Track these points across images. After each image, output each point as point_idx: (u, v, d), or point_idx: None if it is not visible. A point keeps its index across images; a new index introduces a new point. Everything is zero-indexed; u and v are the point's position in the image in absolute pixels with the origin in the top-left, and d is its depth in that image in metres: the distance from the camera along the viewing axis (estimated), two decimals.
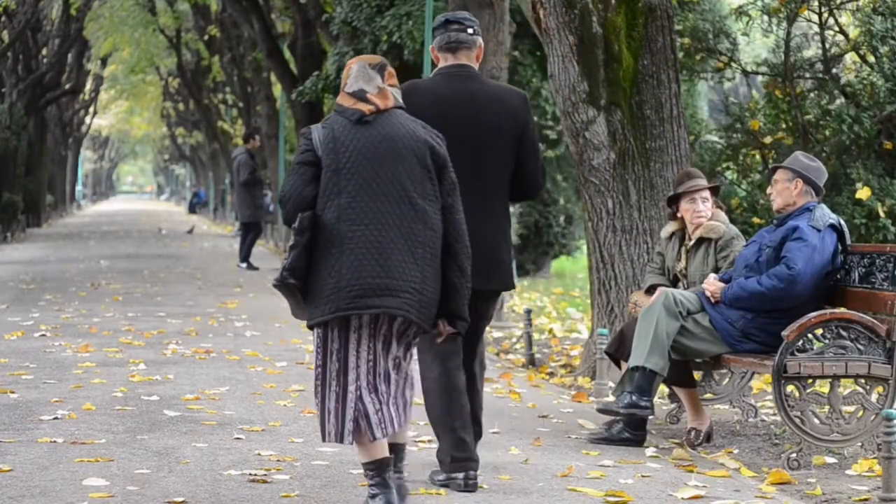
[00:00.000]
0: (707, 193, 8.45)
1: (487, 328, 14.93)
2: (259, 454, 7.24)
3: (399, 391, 5.88)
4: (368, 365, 5.80)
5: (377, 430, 5.73)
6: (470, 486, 6.46)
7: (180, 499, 6.14)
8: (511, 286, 6.86)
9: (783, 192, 7.92)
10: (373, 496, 5.77)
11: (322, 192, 5.82)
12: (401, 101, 6.03)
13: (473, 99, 6.64)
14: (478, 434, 6.72)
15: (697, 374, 8.47)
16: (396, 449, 6.01)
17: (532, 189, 6.87)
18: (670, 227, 8.63)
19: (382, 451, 5.77)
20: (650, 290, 8.44)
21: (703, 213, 8.40)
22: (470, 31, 6.71)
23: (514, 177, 6.74)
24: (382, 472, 5.76)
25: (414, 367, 6.06)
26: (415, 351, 6.04)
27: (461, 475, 6.47)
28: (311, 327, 5.84)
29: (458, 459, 6.48)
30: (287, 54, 32.26)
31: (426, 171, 5.90)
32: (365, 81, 5.95)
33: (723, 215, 8.48)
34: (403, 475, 6.13)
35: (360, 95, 5.93)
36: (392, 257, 5.75)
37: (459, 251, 5.94)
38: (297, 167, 5.90)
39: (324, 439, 5.84)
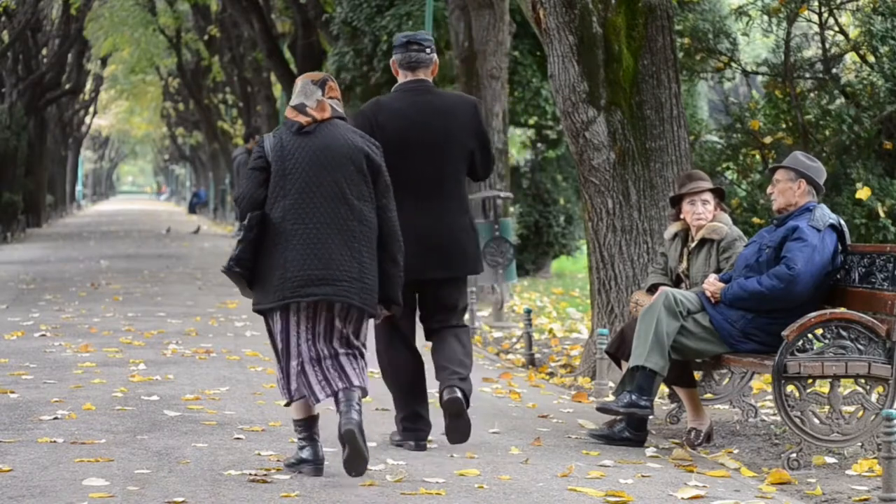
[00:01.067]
0: (708, 195, 8.44)
1: (487, 328, 14.91)
2: (259, 454, 7.25)
3: (352, 360, 6.73)
4: (308, 344, 6.69)
5: (319, 394, 6.65)
6: (421, 447, 7.50)
7: (180, 499, 6.14)
8: (477, 269, 7.74)
9: (785, 191, 7.91)
10: (302, 448, 6.79)
11: (270, 193, 6.73)
12: (340, 111, 6.88)
13: (429, 110, 7.55)
14: (465, 376, 7.46)
15: (697, 374, 8.46)
16: (355, 394, 6.66)
17: (482, 177, 7.86)
18: (673, 227, 8.63)
19: (313, 410, 6.76)
20: (652, 290, 8.44)
21: (702, 215, 8.40)
22: (428, 50, 7.61)
23: (468, 169, 7.72)
24: (311, 428, 6.75)
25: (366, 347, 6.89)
26: (367, 329, 6.86)
27: (412, 440, 7.54)
28: (259, 312, 6.81)
29: (412, 429, 7.55)
30: (287, 54, 32.25)
31: (362, 175, 6.77)
32: (305, 96, 6.85)
33: (726, 217, 8.48)
34: (362, 419, 6.65)
35: (300, 109, 6.81)
36: (330, 252, 6.64)
37: (392, 245, 6.86)
38: (250, 172, 6.80)
39: (288, 396, 6.77)
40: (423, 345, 7.74)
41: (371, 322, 7.00)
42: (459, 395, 7.34)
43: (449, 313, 7.64)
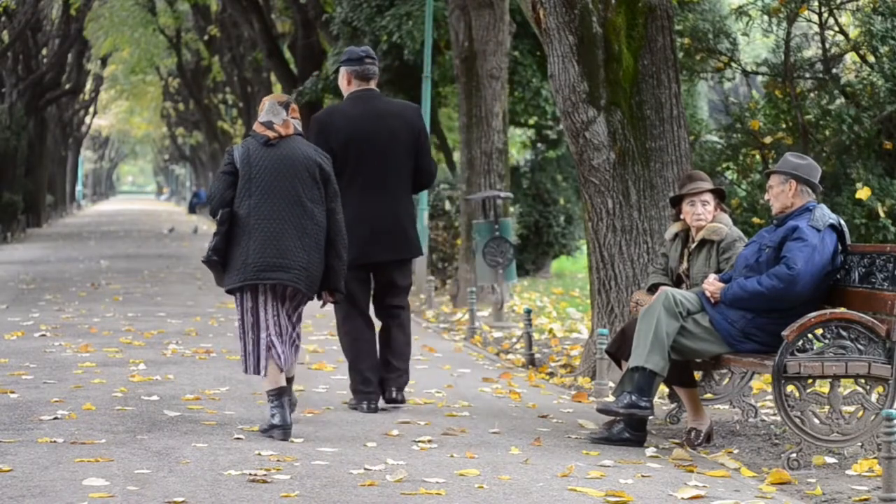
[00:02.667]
0: (708, 196, 8.44)
1: (487, 328, 14.94)
2: (259, 454, 7.24)
3: (295, 339, 8.12)
4: (274, 319, 7.99)
5: (283, 364, 7.96)
6: (372, 409, 8.79)
7: (180, 499, 6.14)
8: (419, 253, 9.09)
9: (779, 195, 7.92)
10: (273, 415, 7.90)
11: (238, 194, 8.03)
12: (300, 129, 8.18)
13: (378, 115, 8.88)
14: (405, 370, 8.96)
15: (697, 374, 8.46)
16: (289, 380, 8.19)
17: (427, 180, 9.10)
18: (674, 227, 8.64)
19: (283, 381, 7.97)
20: (652, 290, 8.44)
21: (702, 216, 8.40)
22: (378, 64, 9.08)
23: (413, 171, 8.96)
24: (282, 396, 7.93)
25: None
26: (301, 311, 8.15)
27: (365, 403, 8.82)
28: (228, 291, 8.11)
29: (363, 392, 8.85)
30: (287, 54, 32.26)
31: (315, 182, 8.07)
32: (273, 115, 8.15)
33: (726, 217, 8.48)
34: (293, 397, 8.39)
35: (268, 125, 8.12)
36: (285, 244, 7.94)
37: (338, 242, 8.13)
38: (221, 175, 8.16)
39: (245, 372, 8.06)
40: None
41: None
42: (397, 395, 8.92)
43: (396, 290, 9.00)
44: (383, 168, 8.83)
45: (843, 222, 7.86)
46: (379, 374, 8.88)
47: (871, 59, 12.11)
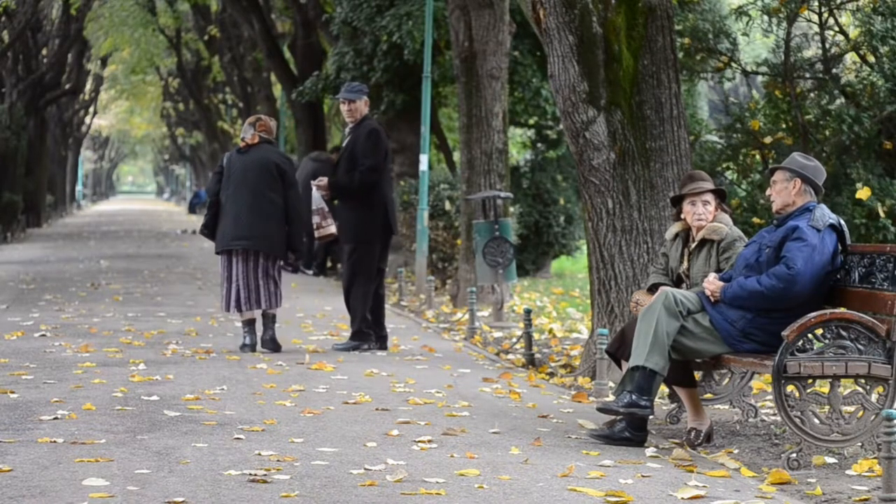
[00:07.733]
0: (709, 196, 8.44)
1: (487, 328, 15.09)
2: (259, 454, 7.24)
3: (269, 287, 11.92)
4: (242, 274, 11.89)
5: (244, 307, 11.91)
6: (374, 348, 12.20)
7: (180, 499, 6.14)
8: (397, 233, 12.68)
9: (782, 192, 7.92)
10: (244, 336, 11.96)
11: (221, 188, 11.96)
12: (266, 137, 12.00)
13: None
14: (384, 337, 12.43)
15: (697, 374, 8.46)
16: (270, 316, 12.02)
17: None
18: (674, 227, 8.64)
19: (251, 316, 11.99)
20: (652, 290, 8.44)
21: (702, 216, 8.40)
22: None
23: None
24: (251, 325, 11.97)
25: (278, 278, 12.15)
26: (279, 267, 12.10)
27: (366, 344, 12.13)
28: (217, 254, 11.99)
29: (366, 333, 12.16)
30: (287, 54, 32.25)
31: (273, 176, 11.86)
32: (246, 132, 12.07)
33: (726, 217, 8.48)
34: (274, 333, 12.04)
35: (243, 139, 12.04)
36: (248, 220, 11.75)
37: (294, 219, 11.94)
38: (213, 175, 12.24)
39: (223, 310, 12.12)
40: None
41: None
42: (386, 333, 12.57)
43: (386, 260, 12.54)
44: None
45: (843, 222, 7.86)
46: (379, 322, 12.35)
47: (871, 59, 12.11)
